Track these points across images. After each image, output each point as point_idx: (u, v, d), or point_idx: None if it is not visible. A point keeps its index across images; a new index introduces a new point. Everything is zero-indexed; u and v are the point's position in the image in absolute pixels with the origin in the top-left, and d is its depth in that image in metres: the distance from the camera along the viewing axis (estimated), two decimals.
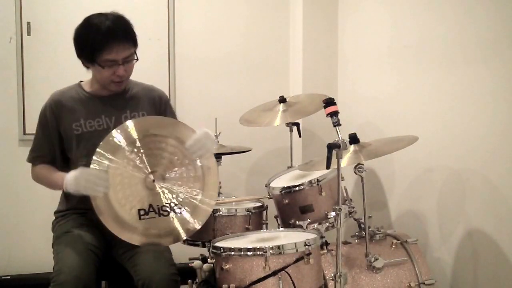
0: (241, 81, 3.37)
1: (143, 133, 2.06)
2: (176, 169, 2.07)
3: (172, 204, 2.04)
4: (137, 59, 2.11)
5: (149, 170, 2.04)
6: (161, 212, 2.02)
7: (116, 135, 2.04)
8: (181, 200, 2.05)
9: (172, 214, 2.03)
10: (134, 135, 2.05)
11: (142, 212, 2.00)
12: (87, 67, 2.13)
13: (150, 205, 2.01)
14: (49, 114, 2.15)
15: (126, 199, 2.00)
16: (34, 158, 2.19)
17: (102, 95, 2.18)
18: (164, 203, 2.03)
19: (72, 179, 1.97)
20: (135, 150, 2.04)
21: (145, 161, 2.04)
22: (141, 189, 2.02)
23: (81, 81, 2.24)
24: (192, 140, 2.06)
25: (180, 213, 2.04)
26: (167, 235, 2.04)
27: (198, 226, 2.06)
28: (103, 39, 2.00)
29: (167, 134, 2.08)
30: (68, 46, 2.12)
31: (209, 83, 3.29)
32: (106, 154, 2.00)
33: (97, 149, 2.00)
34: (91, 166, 1.98)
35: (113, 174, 1.99)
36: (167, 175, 2.06)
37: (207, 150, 2.09)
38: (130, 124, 2.07)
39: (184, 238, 2.08)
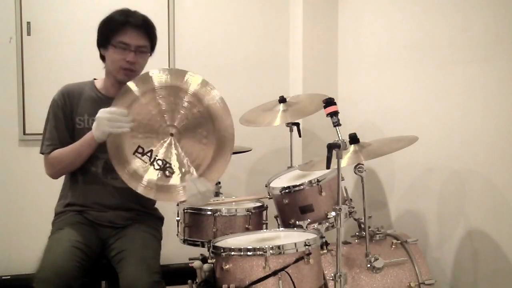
0: (241, 81, 3.37)
1: (184, 89, 2.08)
2: (194, 140, 2.07)
3: (168, 165, 2.04)
4: (151, 54, 2.18)
5: (171, 123, 2.06)
6: (154, 163, 2.04)
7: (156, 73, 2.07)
8: (175, 168, 2.05)
9: (160, 172, 2.04)
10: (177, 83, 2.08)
11: (140, 150, 2.02)
12: (103, 58, 2.17)
13: (151, 151, 2.04)
14: (61, 101, 2.16)
15: (135, 136, 2.02)
16: (47, 147, 2.15)
17: (111, 97, 2.14)
18: (162, 158, 2.04)
19: (95, 124, 2.01)
20: (169, 96, 2.05)
21: (173, 112, 2.06)
22: (153, 133, 2.05)
23: (94, 79, 2.25)
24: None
25: (169, 176, 2.04)
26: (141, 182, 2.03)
27: (158, 199, 2.13)
28: (122, 20, 2.11)
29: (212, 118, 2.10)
30: (68, 46, 2.14)
31: None
32: (137, 87, 2.04)
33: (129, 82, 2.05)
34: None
35: (134, 112, 2.02)
36: (185, 139, 2.06)
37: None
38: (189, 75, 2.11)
39: (150, 196, 2.08)
